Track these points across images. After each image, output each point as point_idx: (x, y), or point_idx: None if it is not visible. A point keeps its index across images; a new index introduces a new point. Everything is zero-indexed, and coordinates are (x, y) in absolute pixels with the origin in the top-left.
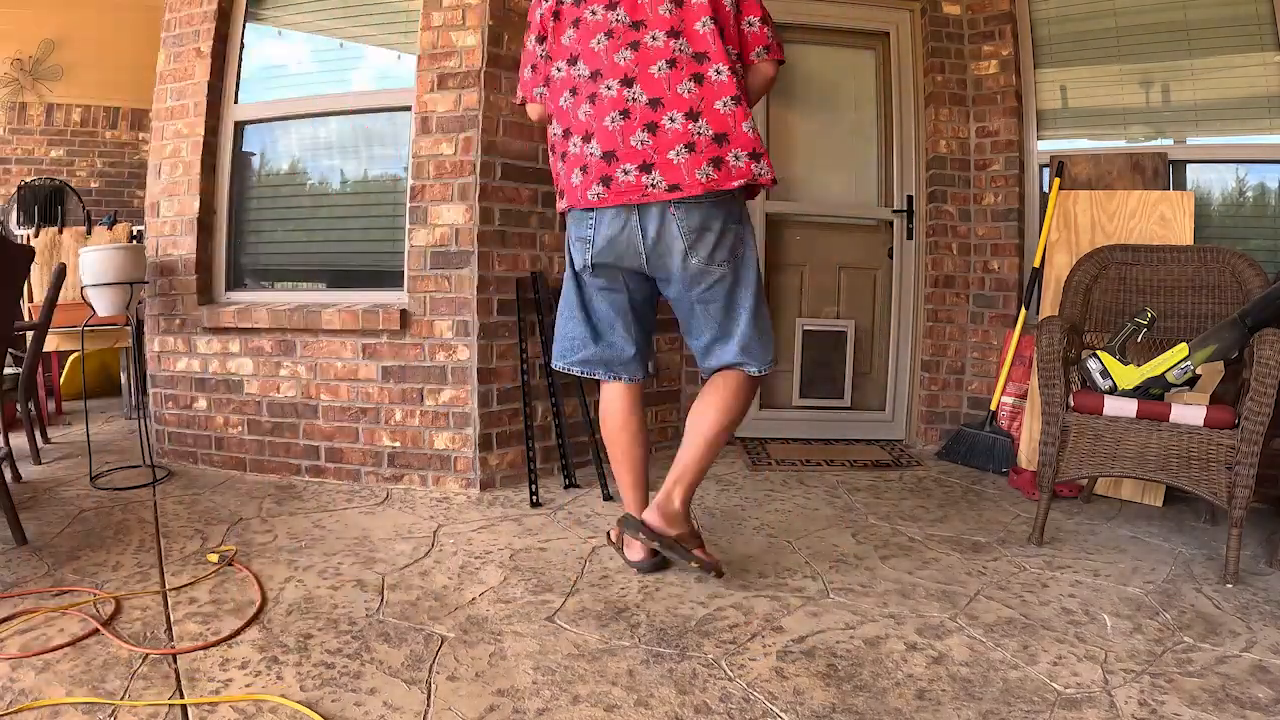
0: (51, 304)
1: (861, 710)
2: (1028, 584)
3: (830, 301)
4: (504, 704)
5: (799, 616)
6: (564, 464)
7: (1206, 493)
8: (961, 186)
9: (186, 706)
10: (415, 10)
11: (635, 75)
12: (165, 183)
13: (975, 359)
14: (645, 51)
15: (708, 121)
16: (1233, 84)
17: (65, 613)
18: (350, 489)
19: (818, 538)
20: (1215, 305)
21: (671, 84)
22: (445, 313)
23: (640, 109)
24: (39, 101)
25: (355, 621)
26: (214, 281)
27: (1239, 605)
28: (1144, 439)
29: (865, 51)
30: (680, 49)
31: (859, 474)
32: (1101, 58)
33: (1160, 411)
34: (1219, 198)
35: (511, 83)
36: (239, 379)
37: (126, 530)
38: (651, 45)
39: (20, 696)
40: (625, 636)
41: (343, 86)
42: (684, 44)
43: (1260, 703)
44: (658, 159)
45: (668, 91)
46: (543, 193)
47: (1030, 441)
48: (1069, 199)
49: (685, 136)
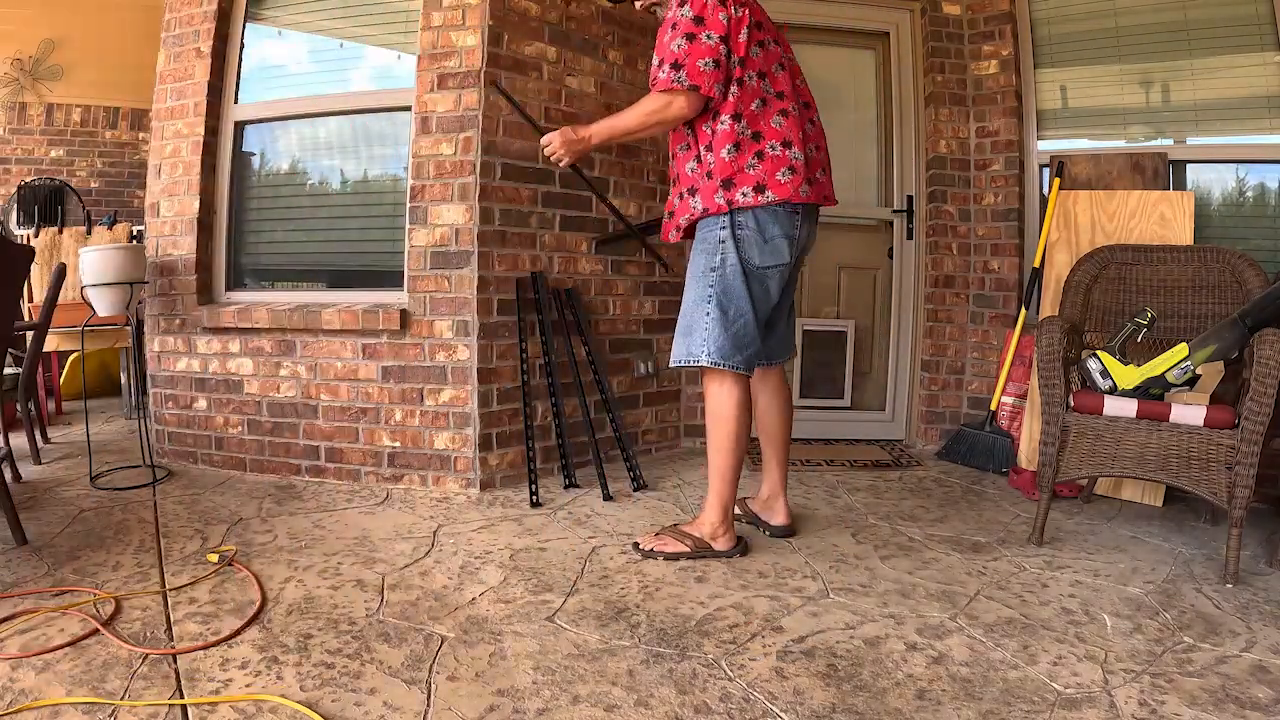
0: (51, 304)
1: (861, 710)
2: (1028, 584)
3: (830, 301)
4: (504, 704)
5: (799, 616)
6: (564, 464)
7: (1206, 493)
8: (961, 186)
9: (186, 706)
10: (415, 10)
11: (806, 105)
12: (165, 183)
13: (975, 359)
14: (801, 90)
15: (826, 153)
16: (1233, 84)
17: (65, 613)
18: (350, 489)
19: (818, 538)
20: (1215, 305)
21: (813, 120)
22: (445, 313)
23: (813, 132)
24: (39, 101)
25: (355, 621)
26: (214, 281)
27: (1239, 605)
28: (1144, 439)
29: (865, 51)
30: (803, 95)
31: (859, 474)
32: (1101, 58)
33: (1160, 411)
34: (1219, 198)
35: (512, 82)
36: (239, 379)
37: (126, 530)
38: (801, 87)
39: (20, 696)
40: (625, 636)
41: (343, 86)
42: (800, 91)
43: (1260, 703)
44: (825, 175)
45: (811, 127)
46: (543, 193)
47: (1030, 441)
48: (1069, 199)
49: (825, 161)
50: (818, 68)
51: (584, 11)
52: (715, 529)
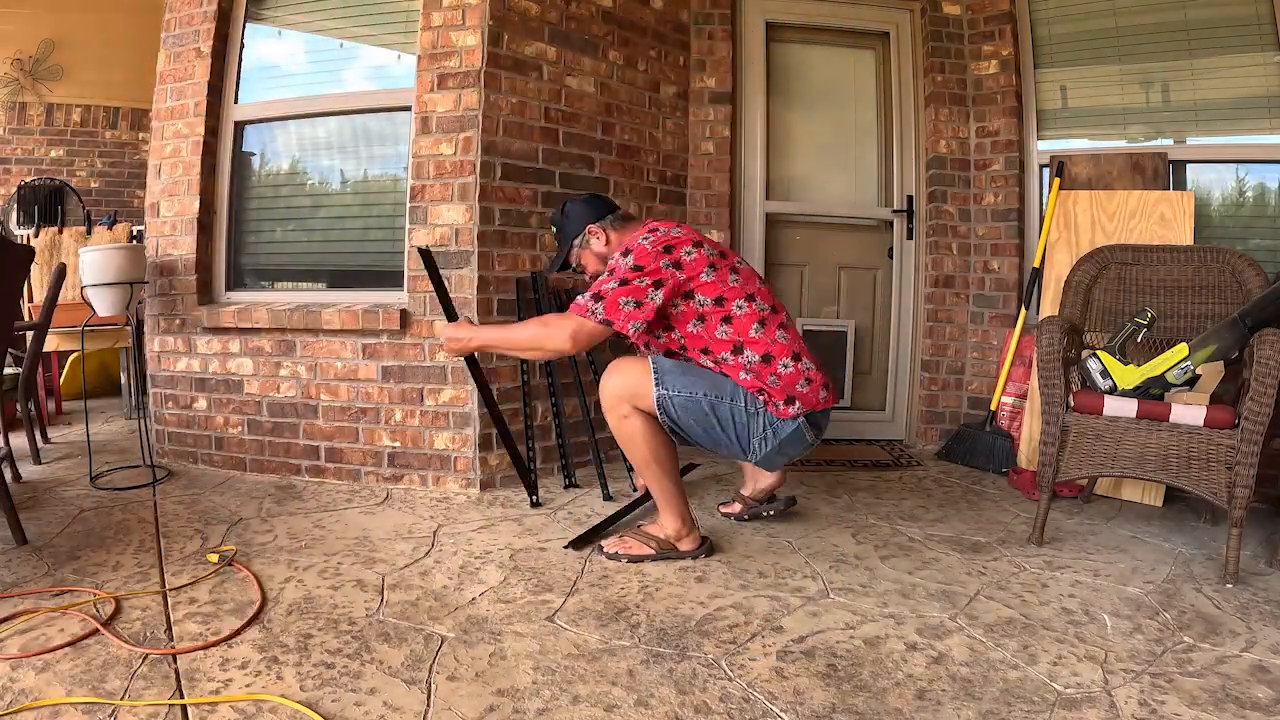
0: (51, 304)
1: (861, 710)
2: (1028, 584)
3: (830, 301)
4: (504, 704)
5: (799, 616)
6: (564, 464)
7: (1206, 493)
8: (961, 186)
9: (186, 706)
10: (415, 10)
11: (788, 319)
12: (165, 183)
13: (975, 359)
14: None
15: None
16: (1233, 84)
17: (65, 613)
18: (350, 489)
19: (818, 538)
20: (1215, 305)
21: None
22: None
23: (802, 344)
24: (39, 101)
25: (355, 621)
26: (214, 281)
27: (1239, 605)
28: (1144, 439)
29: (865, 51)
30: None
31: (859, 474)
32: (1101, 58)
33: (1160, 411)
34: (1219, 198)
35: (512, 82)
36: (239, 379)
37: (126, 530)
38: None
39: (20, 696)
40: (625, 636)
41: (343, 86)
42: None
43: (1260, 703)
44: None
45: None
46: (542, 193)
47: (1030, 441)
48: (1069, 199)
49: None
50: (818, 68)
51: (584, 11)
52: (679, 530)
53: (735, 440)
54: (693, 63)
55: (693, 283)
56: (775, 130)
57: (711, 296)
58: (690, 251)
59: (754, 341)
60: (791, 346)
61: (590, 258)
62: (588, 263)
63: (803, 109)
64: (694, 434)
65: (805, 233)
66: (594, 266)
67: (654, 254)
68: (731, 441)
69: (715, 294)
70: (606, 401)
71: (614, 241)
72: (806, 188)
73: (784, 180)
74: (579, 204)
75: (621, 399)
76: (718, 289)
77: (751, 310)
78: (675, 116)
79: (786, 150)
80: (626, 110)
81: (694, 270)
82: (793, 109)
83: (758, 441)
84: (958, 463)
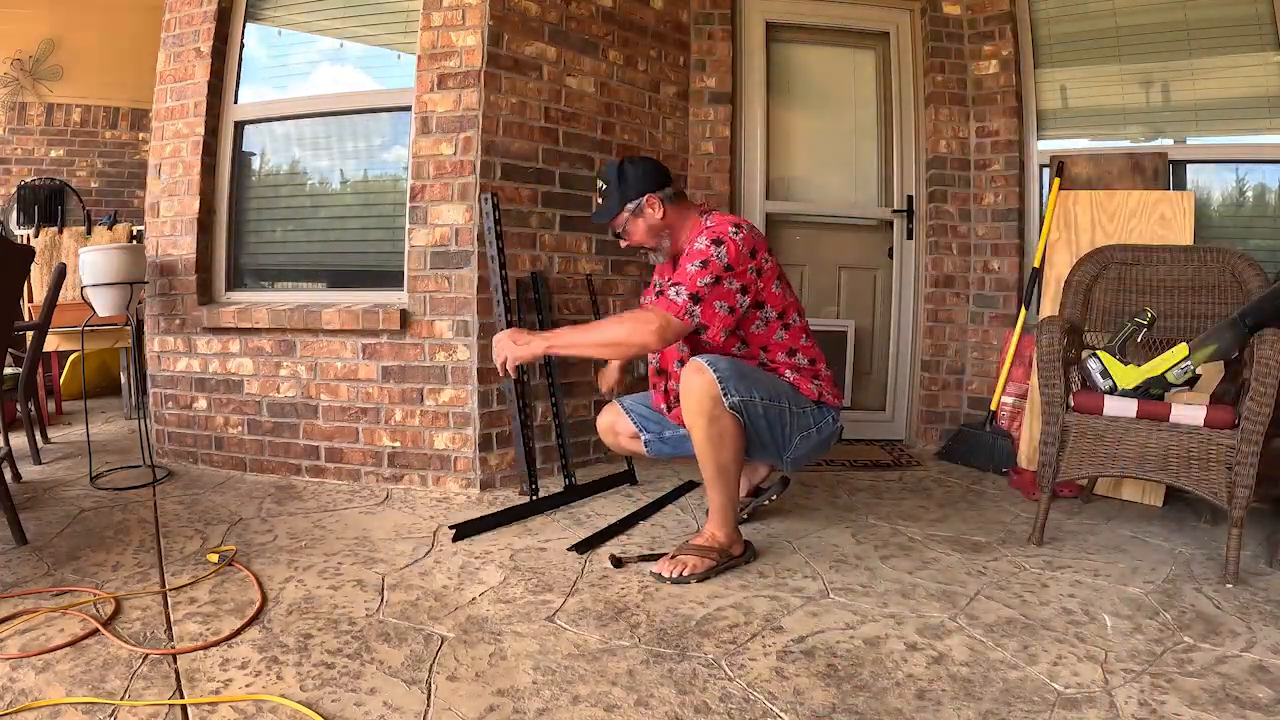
0: (51, 304)
1: (861, 710)
2: (1028, 584)
3: (830, 301)
4: (504, 704)
5: (799, 616)
6: (564, 464)
7: (1206, 493)
8: (961, 186)
9: (186, 707)
10: (415, 10)
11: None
12: (165, 183)
13: (975, 359)
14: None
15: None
16: (1233, 84)
17: (65, 613)
18: (350, 489)
19: (817, 538)
20: (1215, 305)
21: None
22: (445, 313)
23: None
24: (39, 101)
25: (355, 621)
26: (214, 281)
27: (1239, 605)
28: (1144, 439)
29: (865, 51)
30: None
31: (859, 474)
32: (1101, 58)
33: (1160, 411)
34: (1219, 198)
35: (512, 82)
36: (239, 379)
37: (126, 530)
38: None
39: (20, 696)
40: (625, 636)
41: (342, 86)
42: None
43: (1260, 703)
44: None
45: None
46: (542, 193)
47: (1030, 441)
48: (1069, 199)
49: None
50: (818, 68)
51: (584, 11)
52: (730, 536)
53: (782, 439)
54: (693, 63)
55: (765, 291)
56: (775, 130)
57: (777, 310)
58: (768, 259)
59: (805, 348)
60: (821, 354)
61: (640, 228)
62: (634, 231)
63: (803, 109)
64: (752, 433)
65: (805, 233)
66: (640, 239)
67: (743, 254)
68: (779, 442)
69: (780, 307)
70: (696, 403)
71: (670, 217)
72: (806, 188)
73: (784, 180)
74: (639, 166)
75: (714, 398)
76: (782, 301)
77: (804, 323)
78: (675, 116)
79: (786, 150)
80: (626, 110)
81: (769, 279)
82: (793, 109)
83: (800, 438)
84: (958, 463)
